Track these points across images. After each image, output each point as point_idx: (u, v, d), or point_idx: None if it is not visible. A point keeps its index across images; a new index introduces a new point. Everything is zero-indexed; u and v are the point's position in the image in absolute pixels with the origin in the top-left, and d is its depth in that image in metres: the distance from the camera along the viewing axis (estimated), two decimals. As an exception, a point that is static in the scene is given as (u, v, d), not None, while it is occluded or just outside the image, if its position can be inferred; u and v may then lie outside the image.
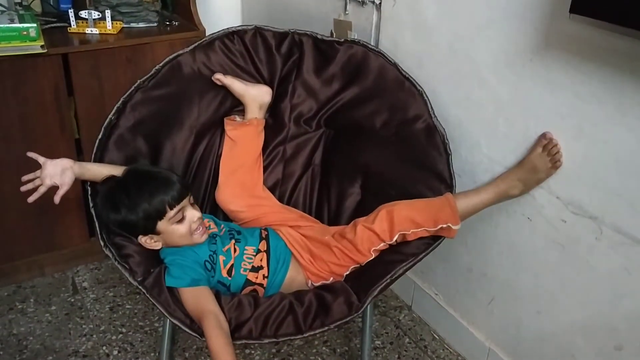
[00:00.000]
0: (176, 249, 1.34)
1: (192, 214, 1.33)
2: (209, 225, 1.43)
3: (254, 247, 1.40)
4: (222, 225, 1.46)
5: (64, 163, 1.31)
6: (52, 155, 1.72)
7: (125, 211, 1.28)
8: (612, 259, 1.22)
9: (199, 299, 1.23)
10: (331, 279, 1.38)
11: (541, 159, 1.31)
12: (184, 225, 1.32)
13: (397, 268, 1.29)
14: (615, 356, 1.26)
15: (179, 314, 1.23)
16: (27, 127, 1.68)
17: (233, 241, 1.40)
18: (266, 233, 1.45)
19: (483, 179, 1.49)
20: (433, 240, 1.34)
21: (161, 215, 1.29)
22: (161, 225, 1.30)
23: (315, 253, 1.39)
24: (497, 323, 1.57)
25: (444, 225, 1.32)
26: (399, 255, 1.32)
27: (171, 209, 1.29)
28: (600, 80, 1.15)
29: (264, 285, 1.37)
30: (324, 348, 1.69)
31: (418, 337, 1.77)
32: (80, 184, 1.80)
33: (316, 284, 1.38)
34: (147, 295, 1.23)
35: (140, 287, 1.24)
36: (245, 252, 1.39)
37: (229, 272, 1.36)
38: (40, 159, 1.31)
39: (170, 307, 1.23)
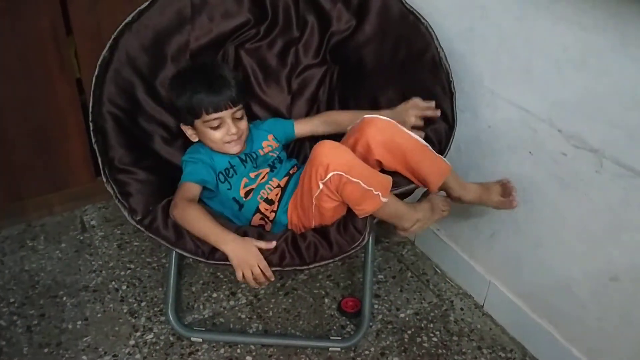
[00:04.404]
0: (198, 149, 1.42)
1: (230, 127, 1.36)
2: (266, 145, 1.49)
3: (279, 182, 1.42)
4: (278, 153, 1.49)
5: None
6: (52, 95, 1.73)
7: (175, 95, 1.37)
8: (612, 191, 1.22)
9: (189, 192, 1.33)
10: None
11: (440, 201, 1.42)
12: (218, 133, 1.37)
13: None
14: (610, 287, 1.28)
15: (181, 244, 1.27)
16: (28, 67, 1.67)
17: (268, 169, 1.44)
18: (294, 171, 1.46)
19: (485, 114, 1.47)
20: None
21: (197, 114, 1.35)
22: (197, 123, 1.37)
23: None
24: (498, 257, 1.59)
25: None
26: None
27: (207, 113, 1.34)
28: (604, 9, 1.12)
29: (271, 219, 1.40)
30: (327, 282, 1.73)
31: (420, 271, 1.80)
32: (83, 120, 1.81)
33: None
34: (146, 232, 1.27)
35: (138, 225, 1.28)
36: (270, 182, 1.42)
37: (247, 194, 1.39)
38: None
39: (172, 241, 1.27)
